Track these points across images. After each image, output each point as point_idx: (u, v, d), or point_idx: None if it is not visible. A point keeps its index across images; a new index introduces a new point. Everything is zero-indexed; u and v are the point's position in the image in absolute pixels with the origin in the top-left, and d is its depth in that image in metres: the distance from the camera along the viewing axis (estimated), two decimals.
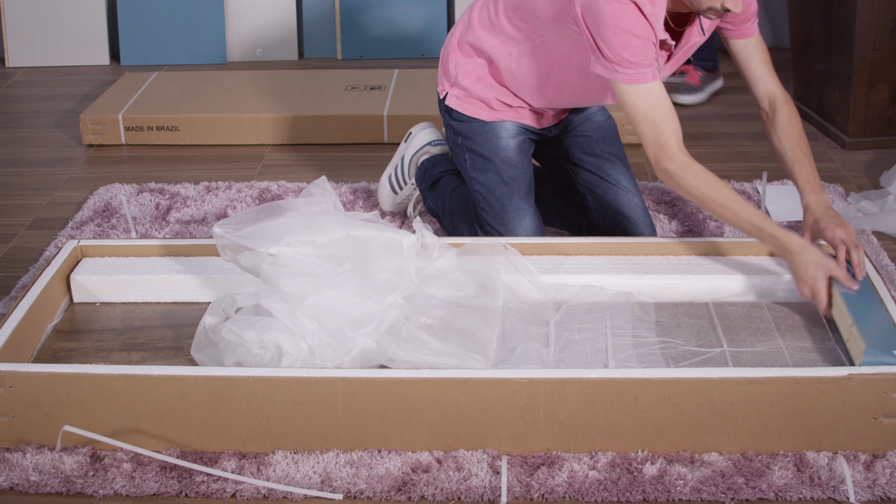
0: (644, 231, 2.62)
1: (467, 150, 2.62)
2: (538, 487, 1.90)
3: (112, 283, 2.40)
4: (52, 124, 3.86)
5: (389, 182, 2.93)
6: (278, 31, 4.56)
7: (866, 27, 3.32)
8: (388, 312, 2.12)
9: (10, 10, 4.49)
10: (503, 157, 2.57)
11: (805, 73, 3.71)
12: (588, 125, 2.68)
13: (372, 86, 3.84)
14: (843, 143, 3.46)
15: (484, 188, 2.58)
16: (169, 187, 3.19)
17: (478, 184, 2.59)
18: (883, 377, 1.91)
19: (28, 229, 3.02)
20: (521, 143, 2.61)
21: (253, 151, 3.56)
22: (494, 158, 2.57)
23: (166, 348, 2.24)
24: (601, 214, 2.65)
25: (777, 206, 2.98)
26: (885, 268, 2.64)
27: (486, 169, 2.58)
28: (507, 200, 2.55)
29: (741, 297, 2.33)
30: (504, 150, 2.58)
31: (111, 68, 4.53)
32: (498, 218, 2.55)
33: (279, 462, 1.97)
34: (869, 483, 1.89)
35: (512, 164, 2.58)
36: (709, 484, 1.89)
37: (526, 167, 2.60)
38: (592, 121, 2.69)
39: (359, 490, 1.91)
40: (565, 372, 1.95)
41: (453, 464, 1.94)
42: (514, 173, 2.57)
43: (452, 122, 2.64)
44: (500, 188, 2.56)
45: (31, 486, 1.93)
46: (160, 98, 3.75)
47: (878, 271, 2.28)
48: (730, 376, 1.92)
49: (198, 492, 1.92)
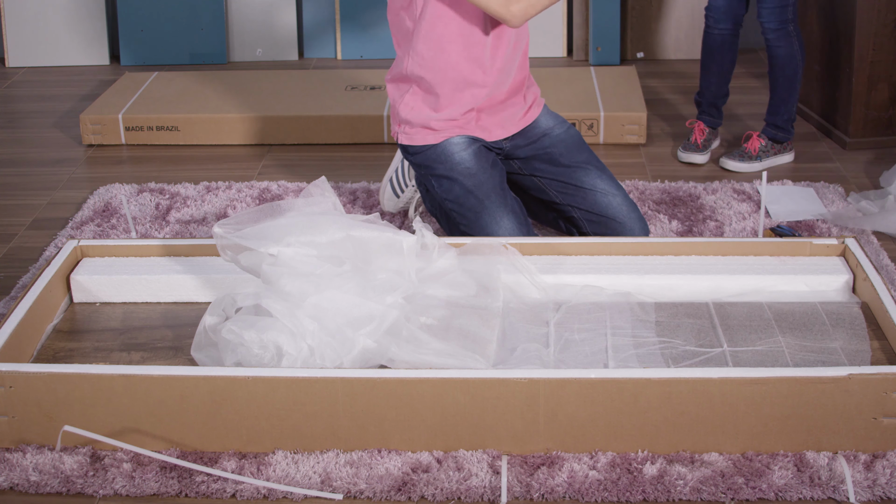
0: (633, 227, 2.62)
1: (431, 177, 2.65)
2: (538, 487, 1.90)
3: (112, 283, 2.40)
4: (52, 124, 3.86)
5: (391, 185, 2.94)
6: (278, 31, 4.56)
7: (866, 27, 3.32)
8: (389, 313, 2.12)
9: (10, 10, 4.49)
10: (462, 170, 2.60)
11: (805, 73, 3.71)
12: (547, 140, 2.71)
13: (372, 86, 3.84)
14: (843, 143, 3.46)
15: (455, 204, 2.60)
16: (169, 187, 3.19)
17: (449, 202, 2.62)
18: (883, 377, 1.91)
19: (28, 229, 3.02)
20: (476, 151, 2.63)
21: (253, 151, 3.56)
22: (454, 174, 2.60)
23: (166, 348, 2.24)
24: (588, 222, 2.66)
25: (777, 206, 2.98)
26: (885, 268, 2.64)
27: (451, 187, 2.61)
28: (480, 209, 2.57)
29: (741, 297, 2.33)
30: (461, 164, 2.60)
31: (111, 68, 4.53)
32: (476, 227, 2.57)
33: (279, 462, 1.97)
34: (869, 483, 1.89)
35: (471, 173, 2.60)
36: (709, 484, 1.89)
37: (488, 171, 2.61)
38: (552, 135, 2.72)
39: (359, 490, 1.91)
40: (565, 372, 1.95)
41: (453, 464, 1.95)
42: (477, 181, 2.59)
43: (411, 158, 2.70)
44: (468, 199, 2.58)
45: (31, 486, 1.93)
46: (160, 98, 3.75)
47: (878, 271, 2.28)
48: (730, 376, 1.92)
49: (198, 492, 1.92)
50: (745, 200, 3.03)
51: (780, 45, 3.17)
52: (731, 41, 3.27)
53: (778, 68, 3.21)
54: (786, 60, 3.19)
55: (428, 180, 2.67)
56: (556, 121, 2.76)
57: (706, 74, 3.36)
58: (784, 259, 2.41)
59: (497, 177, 2.62)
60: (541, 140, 2.72)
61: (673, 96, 3.99)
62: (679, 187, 3.11)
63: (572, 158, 2.69)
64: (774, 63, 3.21)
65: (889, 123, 3.46)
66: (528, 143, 2.72)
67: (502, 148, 2.72)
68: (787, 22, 3.14)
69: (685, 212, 2.95)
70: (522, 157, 2.73)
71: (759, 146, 3.27)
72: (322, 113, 3.60)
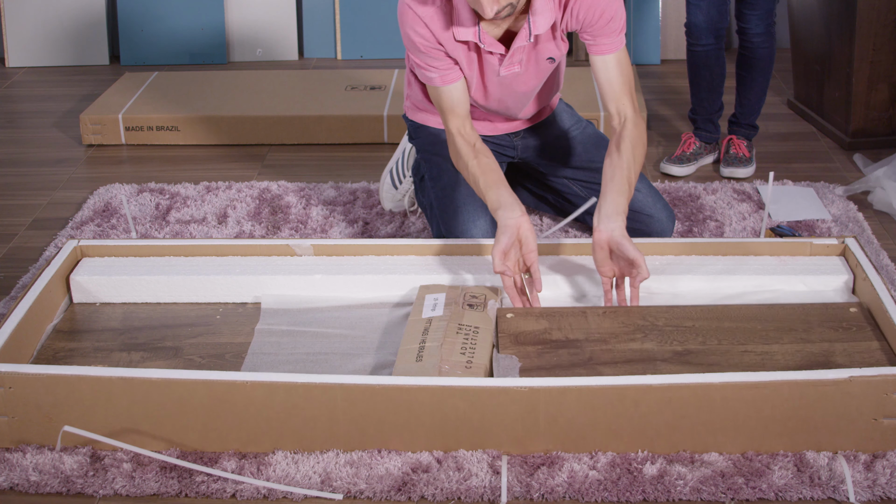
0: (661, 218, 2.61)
1: (425, 161, 2.65)
2: (538, 487, 1.90)
3: (112, 283, 2.40)
4: (52, 124, 3.86)
5: (391, 176, 2.93)
6: (278, 31, 4.56)
7: (866, 27, 3.32)
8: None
9: (10, 10, 4.49)
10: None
11: (805, 73, 3.71)
12: (566, 141, 2.71)
13: (372, 86, 3.84)
14: (843, 143, 3.46)
15: (441, 192, 2.58)
16: (169, 187, 3.19)
17: (434, 189, 2.61)
18: (883, 378, 1.91)
19: (28, 229, 3.02)
20: None
21: (253, 151, 3.56)
22: (448, 164, 2.58)
23: (166, 348, 2.24)
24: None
25: (777, 206, 2.98)
26: (885, 268, 2.64)
27: (440, 176, 2.60)
28: (461, 204, 2.54)
29: (742, 297, 2.33)
30: None
31: (111, 68, 4.53)
32: (452, 220, 2.54)
33: (279, 462, 1.96)
34: (869, 483, 1.89)
35: None
36: (709, 484, 1.89)
37: None
38: (570, 136, 2.72)
39: (359, 490, 1.91)
40: (565, 380, 1.93)
41: (453, 464, 1.94)
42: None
43: (414, 141, 2.70)
44: (456, 192, 2.56)
45: (31, 486, 1.93)
46: (160, 98, 3.75)
47: (878, 271, 2.28)
48: (731, 381, 1.91)
49: (198, 492, 1.91)
50: (745, 200, 3.03)
51: (764, 47, 3.15)
52: (716, 54, 3.19)
53: (758, 70, 3.18)
54: (767, 61, 3.18)
55: (423, 160, 2.66)
56: (574, 120, 2.75)
57: (696, 91, 3.28)
58: (784, 259, 2.41)
59: None
60: (557, 141, 2.71)
61: (673, 97, 3.99)
62: (679, 187, 3.11)
63: (594, 158, 2.69)
64: (755, 64, 3.17)
65: (889, 123, 3.46)
66: (542, 144, 2.71)
67: (514, 147, 2.71)
68: (771, 24, 3.14)
69: (685, 212, 2.95)
70: (541, 161, 2.72)
71: (745, 146, 3.25)
72: (322, 113, 3.60)
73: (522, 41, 2.33)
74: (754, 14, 3.09)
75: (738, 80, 3.24)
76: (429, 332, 2.13)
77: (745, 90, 3.24)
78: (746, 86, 3.23)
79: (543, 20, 2.30)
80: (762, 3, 3.08)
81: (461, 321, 2.16)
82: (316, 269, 2.39)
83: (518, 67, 2.41)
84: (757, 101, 3.26)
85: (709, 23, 3.12)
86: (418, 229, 2.90)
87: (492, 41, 2.33)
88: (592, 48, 2.37)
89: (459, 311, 2.19)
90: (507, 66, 2.39)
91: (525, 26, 2.31)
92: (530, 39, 2.33)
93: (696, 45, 3.18)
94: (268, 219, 2.98)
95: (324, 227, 2.93)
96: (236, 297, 2.39)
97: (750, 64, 3.18)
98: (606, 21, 2.33)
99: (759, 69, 3.18)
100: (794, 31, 3.72)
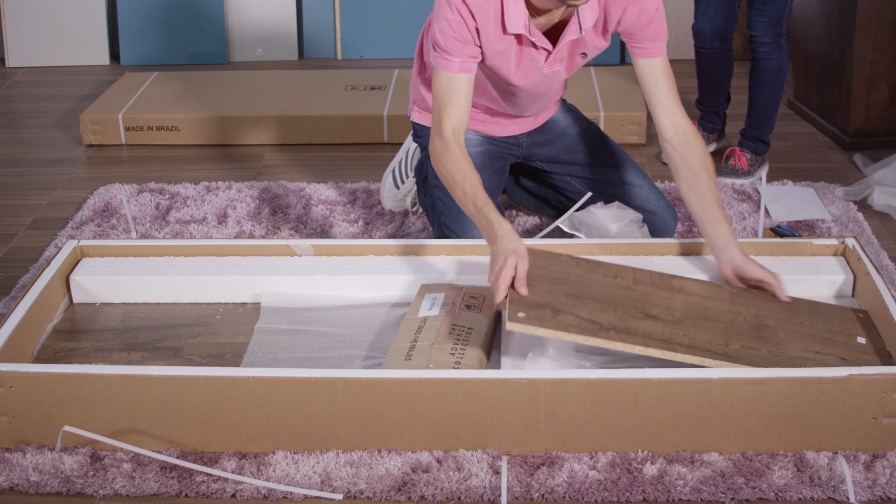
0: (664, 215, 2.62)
1: (428, 161, 2.64)
2: (538, 487, 1.90)
3: (112, 283, 2.40)
4: (52, 124, 3.86)
5: (393, 176, 2.93)
6: (278, 31, 4.56)
7: (866, 27, 3.32)
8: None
9: (10, 10, 4.49)
10: None
11: (805, 73, 3.71)
12: (569, 139, 2.71)
13: (372, 86, 3.84)
14: (843, 143, 3.46)
15: (444, 192, 2.57)
16: (169, 187, 3.19)
17: (438, 189, 2.60)
18: (883, 377, 1.91)
19: (28, 229, 3.02)
20: (484, 152, 2.63)
21: (253, 151, 3.56)
22: None
23: (166, 348, 2.24)
24: None
25: (777, 206, 2.98)
26: (885, 268, 2.64)
27: None
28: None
29: None
30: None
31: (111, 68, 4.53)
32: (455, 221, 2.54)
33: (279, 462, 1.96)
34: (869, 483, 1.89)
35: None
36: (709, 484, 1.89)
37: (488, 174, 2.60)
38: (572, 134, 2.72)
39: (359, 490, 1.91)
40: (565, 372, 1.94)
41: (453, 464, 1.94)
42: None
43: (418, 140, 2.70)
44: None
45: (31, 486, 1.93)
46: (160, 98, 3.75)
47: (878, 271, 2.28)
48: (730, 376, 1.92)
49: (198, 492, 1.91)
50: (745, 200, 3.03)
51: (771, 59, 3.14)
52: (722, 56, 3.26)
53: (766, 82, 3.18)
54: (775, 74, 3.16)
55: (429, 165, 2.65)
56: (575, 118, 2.75)
57: (703, 85, 3.38)
58: (784, 259, 2.41)
59: (494, 182, 2.61)
60: (561, 139, 2.71)
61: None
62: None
63: (597, 155, 2.69)
64: (762, 76, 3.17)
65: (889, 123, 3.46)
66: (547, 141, 2.71)
67: (521, 145, 2.72)
68: (780, 35, 3.12)
69: (685, 212, 2.95)
70: (545, 158, 2.73)
71: (746, 160, 3.23)
72: (322, 113, 3.60)
73: (573, 34, 2.33)
74: (762, 21, 3.08)
75: (749, 91, 3.25)
76: (422, 331, 2.13)
77: (753, 102, 3.25)
78: (754, 97, 3.24)
79: (591, 15, 2.31)
80: (771, 10, 3.07)
81: (456, 321, 2.16)
82: (316, 269, 2.40)
83: (559, 65, 2.41)
84: (765, 115, 3.23)
85: (714, 30, 3.20)
86: (418, 229, 2.90)
87: (540, 35, 2.33)
88: (637, 51, 2.36)
89: (456, 312, 2.19)
90: (551, 64, 2.40)
91: (574, 20, 2.31)
92: (581, 33, 2.33)
93: (702, 47, 3.27)
94: (268, 219, 2.98)
95: (324, 227, 2.93)
96: (236, 297, 2.39)
97: (758, 76, 3.18)
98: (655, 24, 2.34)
99: (767, 82, 3.17)
100: (794, 31, 3.72)
